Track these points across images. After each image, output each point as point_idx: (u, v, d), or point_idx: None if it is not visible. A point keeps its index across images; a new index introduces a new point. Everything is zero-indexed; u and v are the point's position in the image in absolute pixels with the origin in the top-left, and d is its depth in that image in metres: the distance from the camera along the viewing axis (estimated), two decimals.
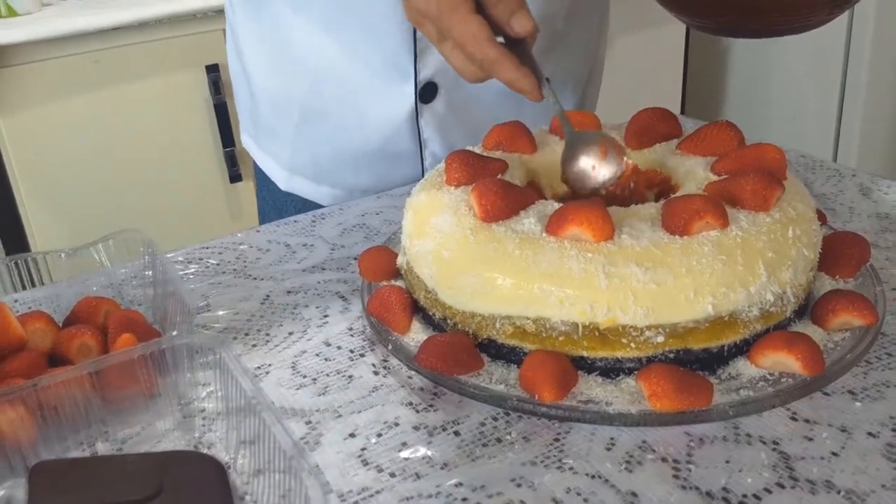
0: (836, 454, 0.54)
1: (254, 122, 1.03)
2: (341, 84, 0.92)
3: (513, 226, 0.61)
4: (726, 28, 0.77)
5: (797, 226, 0.61)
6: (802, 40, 2.47)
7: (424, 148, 0.95)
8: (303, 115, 0.95)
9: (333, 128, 0.95)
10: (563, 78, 1.01)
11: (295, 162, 1.00)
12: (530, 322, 0.59)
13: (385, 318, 0.66)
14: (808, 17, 0.73)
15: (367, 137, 0.94)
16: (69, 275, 0.73)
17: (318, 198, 1.02)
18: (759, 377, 0.58)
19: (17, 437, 0.54)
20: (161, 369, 0.58)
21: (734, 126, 0.70)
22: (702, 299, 0.56)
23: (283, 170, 1.01)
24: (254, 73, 0.99)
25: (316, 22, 0.89)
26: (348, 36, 0.89)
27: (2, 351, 0.60)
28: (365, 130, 0.94)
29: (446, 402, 0.61)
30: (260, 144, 1.04)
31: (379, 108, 0.92)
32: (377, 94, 0.91)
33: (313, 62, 0.92)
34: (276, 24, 0.90)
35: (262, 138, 1.03)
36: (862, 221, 0.82)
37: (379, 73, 0.90)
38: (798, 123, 2.50)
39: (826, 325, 0.62)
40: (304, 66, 0.93)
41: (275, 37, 0.93)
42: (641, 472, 0.53)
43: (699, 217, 0.58)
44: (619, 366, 0.58)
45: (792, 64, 2.48)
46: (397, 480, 0.54)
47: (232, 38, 1.01)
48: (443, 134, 0.95)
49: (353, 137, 0.95)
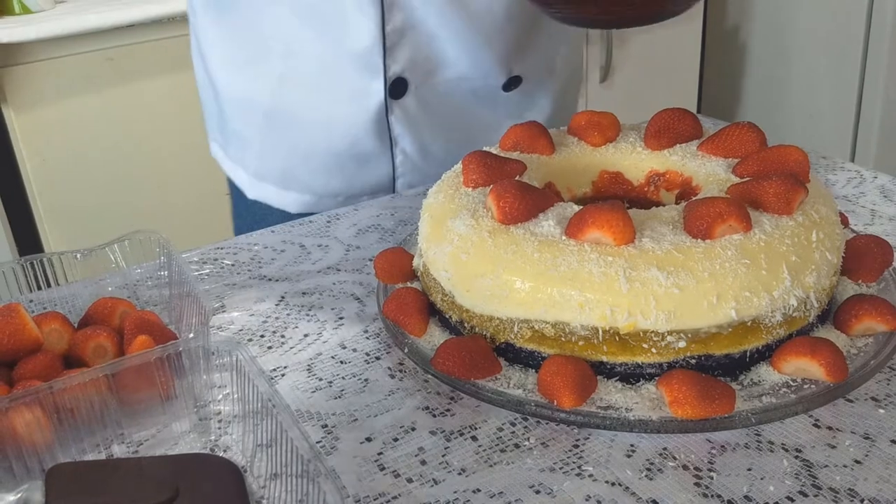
0: (859, 462, 0.53)
1: (220, 130, 1.01)
2: (308, 81, 0.90)
3: (532, 228, 0.61)
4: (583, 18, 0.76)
5: (820, 229, 0.60)
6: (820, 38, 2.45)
7: (395, 146, 0.92)
8: (268, 118, 0.93)
9: (300, 129, 0.93)
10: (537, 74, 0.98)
11: (262, 168, 0.97)
12: (549, 326, 0.58)
13: (401, 321, 0.65)
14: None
15: (335, 137, 0.92)
16: (84, 275, 0.73)
17: (285, 205, 0.99)
18: (781, 383, 0.57)
19: (33, 440, 0.54)
20: (177, 371, 0.58)
21: (756, 127, 0.69)
22: (725, 304, 0.55)
23: (250, 176, 0.99)
24: (218, 78, 0.96)
25: (284, 17, 0.86)
26: (316, 30, 0.87)
27: (18, 352, 0.60)
28: (333, 130, 0.92)
29: (463, 406, 0.60)
30: (227, 152, 1.02)
31: (347, 105, 0.90)
32: (345, 91, 0.89)
33: (279, 60, 0.89)
34: (241, 22, 0.87)
35: (228, 146, 1.01)
36: (884, 224, 0.81)
37: (347, 69, 0.88)
38: (815, 122, 2.48)
39: (849, 331, 0.61)
40: (269, 66, 0.90)
41: (239, 35, 0.91)
42: (662, 480, 0.52)
43: (722, 220, 0.57)
44: (639, 371, 0.58)
45: (809, 62, 2.46)
46: (414, 486, 0.53)
47: (196, 44, 0.98)
48: (413, 131, 0.92)
49: (320, 138, 0.93)
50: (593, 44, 2.35)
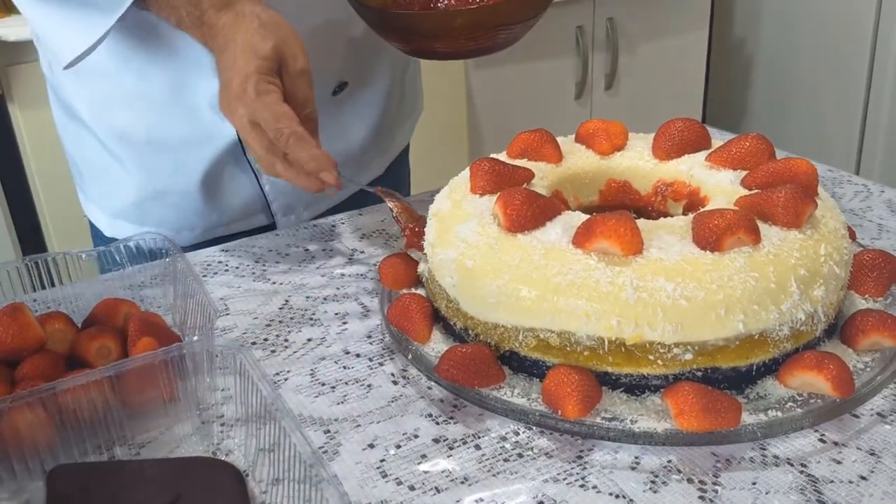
0: (864, 478, 0.52)
1: (77, 169, 1.00)
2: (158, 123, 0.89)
3: (539, 236, 0.60)
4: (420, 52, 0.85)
5: (829, 243, 0.59)
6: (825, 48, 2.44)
7: (261, 176, 0.92)
8: (123, 156, 0.91)
9: (155, 168, 0.91)
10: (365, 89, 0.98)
11: (116, 206, 0.96)
12: (554, 335, 0.58)
13: (405, 327, 0.65)
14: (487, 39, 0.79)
15: (192, 172, 0.90)
16: (89, 276, 0.73)
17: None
18: (787, 397, 0.57)
19: (35, 441, 0.53)
20: (181, 374, 0.58)
21: (765, 139, 0.68)
22: (733, 317, 0.55)
23: (105, 215, 0.97)
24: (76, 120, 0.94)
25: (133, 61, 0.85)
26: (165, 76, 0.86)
27: (21, 352, 0.60)
28: (186, 166, 0.90)
29: (467, 414, 0.60)
30: (84, 190, 1.00)
31: (200, 145, 0.89)
32: (196, 132, 0.88)
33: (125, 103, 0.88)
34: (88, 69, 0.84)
35: (85, 184, 0.99)
36: (891, 238, 0.81)
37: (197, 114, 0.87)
38: (821, 133, 2.48)
39: (856, 346, 0.61)
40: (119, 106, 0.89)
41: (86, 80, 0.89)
42: (667, 493, 0.52)
43: (731, 232, 0.56)
44: (644, 383, 0.57)
45: (814, 72, 2.45)
46: (416, 494, 0.53)
47: (53, 94, 0.97)
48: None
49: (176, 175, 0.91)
50: (598, 52, 2.35)
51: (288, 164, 0.71)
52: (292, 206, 0.96)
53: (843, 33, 2.34)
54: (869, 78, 2.32)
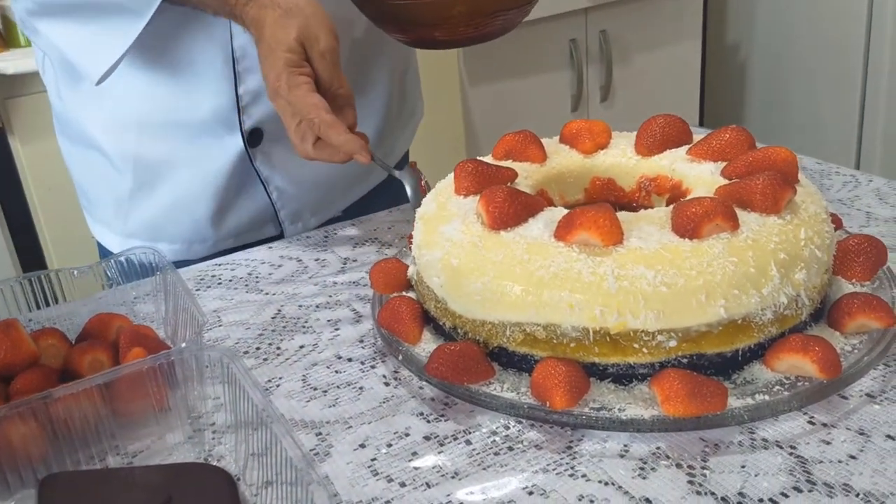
0: (853, 457, 0.52)
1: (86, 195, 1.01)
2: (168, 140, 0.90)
3: (521, 232, 0.61)
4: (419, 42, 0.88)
5: (809, 227, 0.60)
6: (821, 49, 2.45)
7: (268, 185, 0.93)
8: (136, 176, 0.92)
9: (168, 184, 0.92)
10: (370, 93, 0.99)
11: (129, 226, 0.96)
12: (540, 329, 0.58)
13: (395, 329, 0.65)
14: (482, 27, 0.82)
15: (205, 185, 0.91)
16: (82, 292, 0.73)
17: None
18: (774, 381, 0.57)
19: (28, 452, 0.54)
20: (171, 382, 0.58)
21: (744, 130, 0.69)
22: (714, 302, 0.55)
23: (117, 235, 0.98)
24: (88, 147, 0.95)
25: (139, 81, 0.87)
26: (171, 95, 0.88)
27: (14, 367, 0.60)
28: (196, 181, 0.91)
29: (457, 411, 0.60)
30: (93, 214, 1.01)
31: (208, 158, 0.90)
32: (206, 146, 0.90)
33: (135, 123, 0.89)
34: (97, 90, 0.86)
35: (95, 208, 1.00)
36: (879, 226, 0.81)
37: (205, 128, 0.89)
38: (819, 132, 2.48)
39: (843, 329, 0.61)
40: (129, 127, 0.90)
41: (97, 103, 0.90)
42: (656, 478, 0.52)
43: (709, 219, 0.57)
44: (631, 372, 0.58)
45: (810, 77, 2.46)
46: (407, 490, 0.53)
47: (60, 124, 0.98)
48: (281, 168, 0.93)
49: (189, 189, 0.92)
50: (592, 64, 2.37)
51: (322, 147, 0.77)
52: (299, 213, 0.97)
53: (837, 38, 2.35)
54: (864, 83, 2.33)
